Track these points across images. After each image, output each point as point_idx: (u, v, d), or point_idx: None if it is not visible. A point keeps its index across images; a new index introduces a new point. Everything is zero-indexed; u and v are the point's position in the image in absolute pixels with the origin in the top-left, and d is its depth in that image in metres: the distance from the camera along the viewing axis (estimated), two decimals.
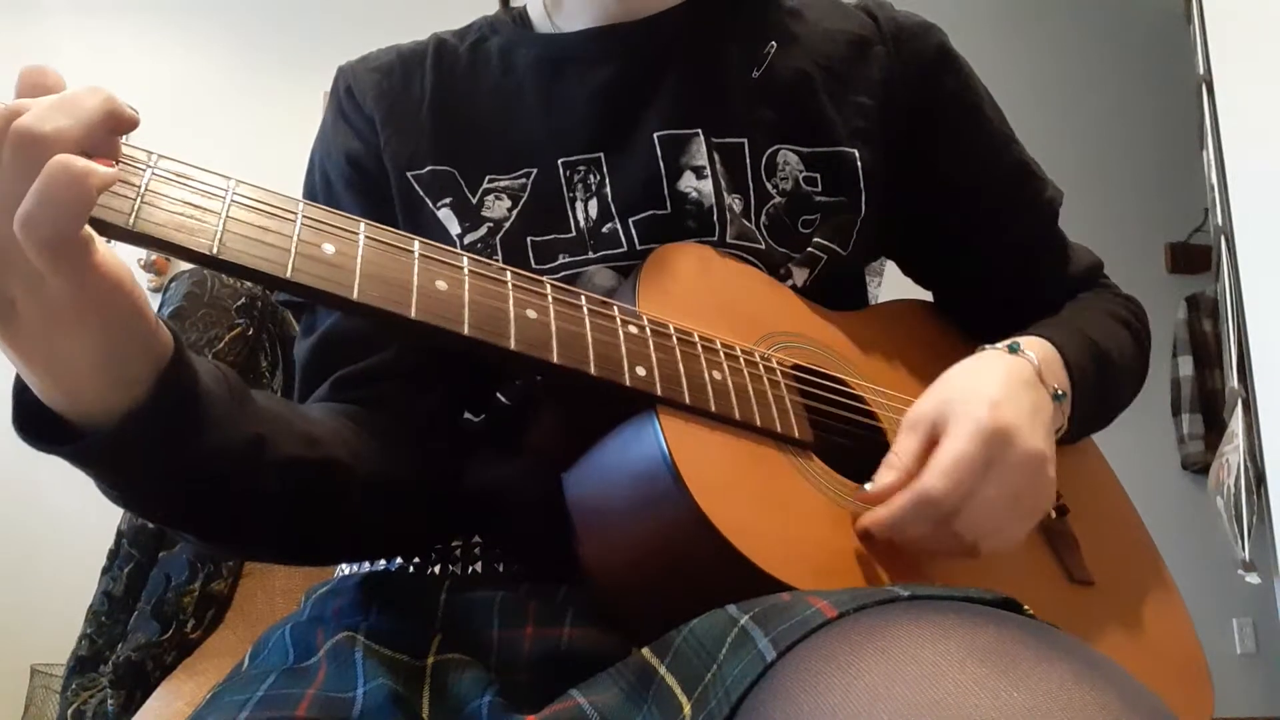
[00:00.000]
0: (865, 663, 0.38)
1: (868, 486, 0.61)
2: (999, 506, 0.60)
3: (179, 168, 0.48)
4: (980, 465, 0.59)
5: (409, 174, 0.74)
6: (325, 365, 0.72)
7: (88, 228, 0.43)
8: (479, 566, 0.68)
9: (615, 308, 0.60)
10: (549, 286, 0.58)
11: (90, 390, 0.47)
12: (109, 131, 0.44)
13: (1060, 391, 0.69)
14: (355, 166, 0.76)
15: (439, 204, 0.73)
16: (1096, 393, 0.75)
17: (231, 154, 3.46)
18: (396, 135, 0.75)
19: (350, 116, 0.78)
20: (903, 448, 0.62)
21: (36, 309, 0.44)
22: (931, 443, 0.62)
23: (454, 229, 0.73)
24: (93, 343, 0.46)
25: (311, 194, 0.78)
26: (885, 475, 0.61)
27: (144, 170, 0.47)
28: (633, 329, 0.59)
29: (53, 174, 0.41)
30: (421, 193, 0.74)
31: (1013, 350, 0.69)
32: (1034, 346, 0.70)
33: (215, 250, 0.47)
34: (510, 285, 0.57)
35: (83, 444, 0.48)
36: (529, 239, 0.72)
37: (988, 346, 0.71)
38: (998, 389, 0.63)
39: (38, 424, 0.49)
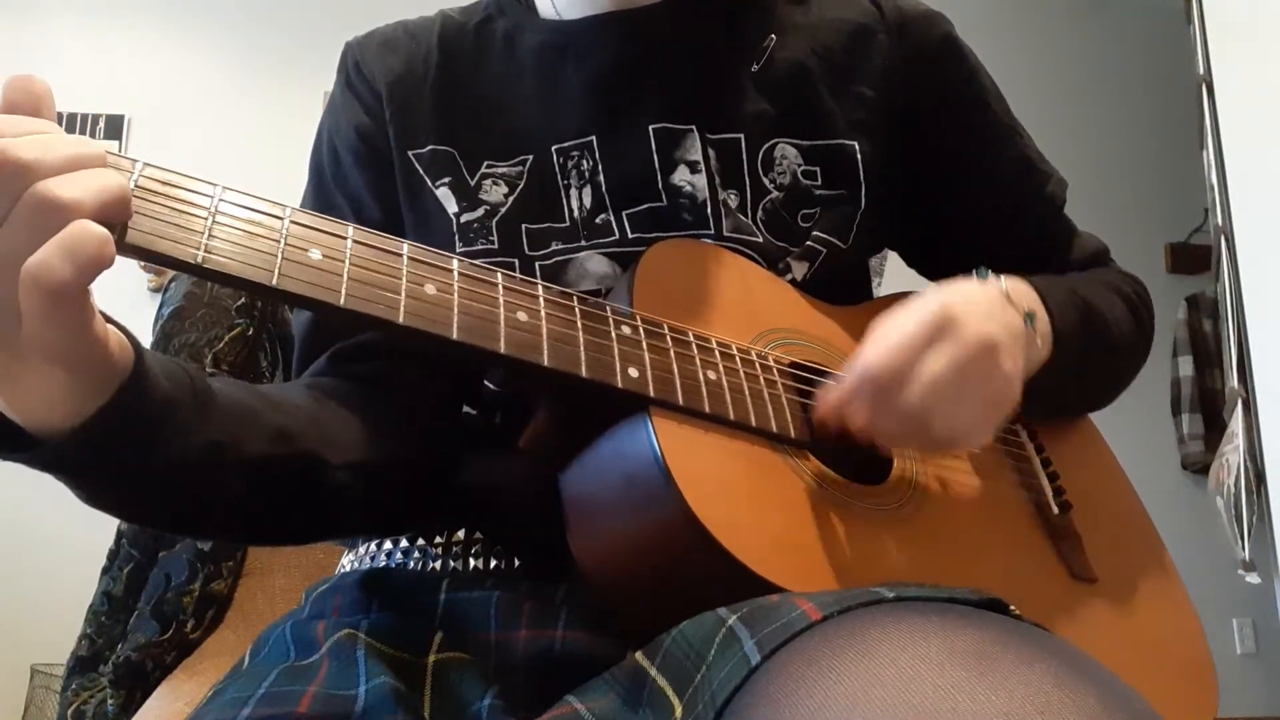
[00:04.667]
0: (846, 666, 0.38)
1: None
2: (942, 382, 0.59)
3: (164, 175, 0.48)
4: (920, 340, 0.60)
5: (410, 153, 0.75)
6: (323, 338, 0.73)
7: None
8: (480, 563, 0.68)
9: (608, 308, 0.60)
10: (540, 288, 0.58)
11: (44, 412, 0.47)
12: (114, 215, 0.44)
13: (1030, 312, 0.68)
14: (364, 140, 0.77)
15: (438, 183, 0.74)
16: (1082, 341, 0.73)
17: (231, 155, 3.47)
18: (400, 112, 0.76)
19: (359, 90, 0.79)
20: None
21: (3, 352, 0.44)
22: None
23: (451, 207, 0.73)
24: (52, 381, 0.46)
25: (319, 165, 0.79)
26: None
27: (129, 179, 0.46)
28: (626, 329, 0.59)
29: (78, 231, 0.41)
30: (421, 171, 0.75)
31: (980, 277, 0.69)
32: (1003, 279, 0.69)
33: (200, 259, 0.47)
34: (501, 288, 0.57)
35: (37, 453, 0.48)
36: (524, 225, 0.72)
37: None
38: (951, 291, 0.64)
39: None
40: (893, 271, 0.89)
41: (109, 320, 0.49)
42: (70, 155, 0.43)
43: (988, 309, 0.64)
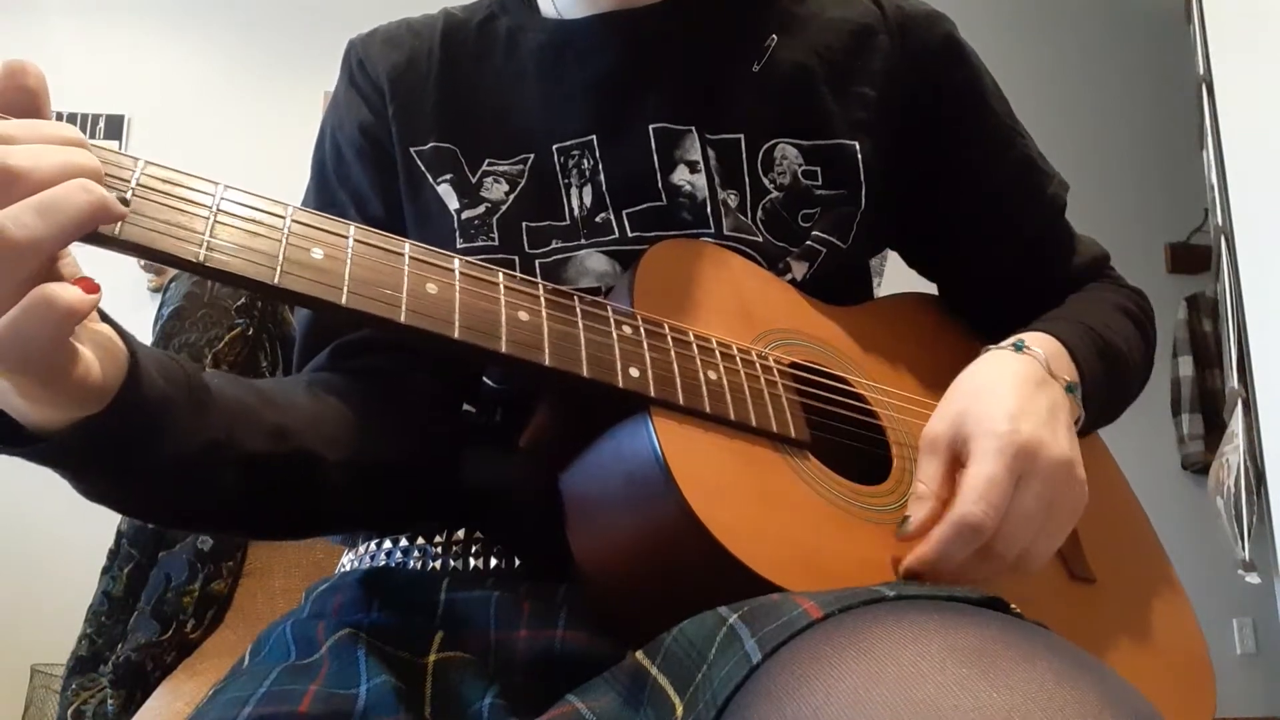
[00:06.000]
0: (848, 664, 0.38)
1: (908, 525, 0.60)
2: (1036, 520, 0.59)
3: (166, 174, 0.48)
4: (1010, 483, 0.58)
5: (412, 149, 0.76)
6: (325, 332, 0.73)
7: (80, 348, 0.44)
8: (480, 563, 0.68)
9: (609, 308, 0.60)
10: (541, 288, 0.59)
11: (35, 415, 0.47)
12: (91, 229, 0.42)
13: (1071, 383, 0.68)
14: (367, 137, 0.77)
15: (439, 179, 0.74)
16: (1105, 385, 0.74)
17: (231, 155, 3.47)
18: (403, 109, 0.77)
19: (362, 87, 0.79)
20: (926, 474, 0.61)
21: None
22: (954, 464, 0.61)
23: (453, 204, 0.74)
24: (40, 405, 0.46)
25: (321, 162, 0.80)
26: (918, 508, 0.60)
27: (130, 178, 0.46)
28: (627, 329, 0.59)
29: (28, 309, 0.40)
30: (423, 168, 0.75)
31: (1018, 349, 0.68)
32: (1039, 342, 0.69)
33: (202, 258, 0.47)
34: (502, 287, 0.57)
35: (34, 449, 0.48)
36: (524, 223, 0.73)
37: (991, 347, 0.70)
38: (1012, 398, 0.62)
39: None
40: (893, 271, 0.89)
41: (105, 319, 0.49)
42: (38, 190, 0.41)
43: (1048, 408, 0.63)
